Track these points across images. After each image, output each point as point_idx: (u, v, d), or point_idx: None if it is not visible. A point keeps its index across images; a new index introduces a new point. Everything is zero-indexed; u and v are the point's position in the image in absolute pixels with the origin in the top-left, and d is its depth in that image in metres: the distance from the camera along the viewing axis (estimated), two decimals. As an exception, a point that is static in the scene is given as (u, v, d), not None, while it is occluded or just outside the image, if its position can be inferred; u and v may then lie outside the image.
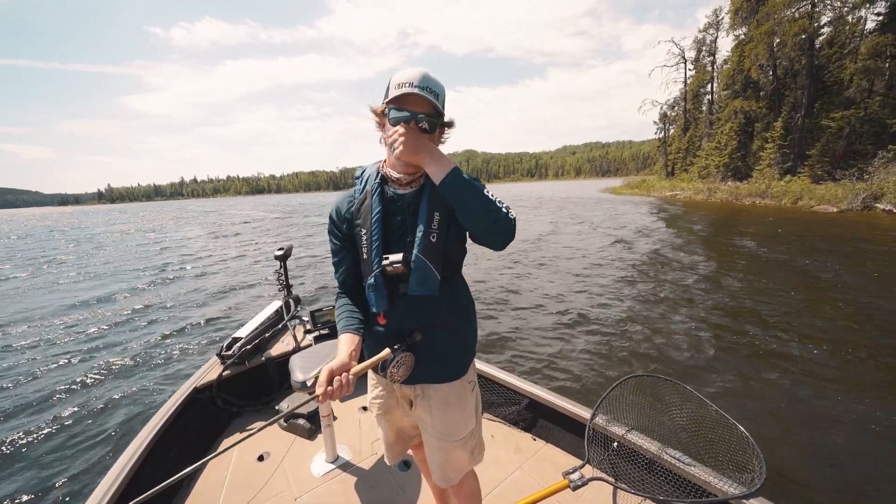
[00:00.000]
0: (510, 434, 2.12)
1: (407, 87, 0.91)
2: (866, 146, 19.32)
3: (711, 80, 33.81)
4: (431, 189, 1.00)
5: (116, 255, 14.07)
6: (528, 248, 10.53)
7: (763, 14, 23.70)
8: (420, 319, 1.04)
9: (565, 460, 1.90)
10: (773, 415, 2.94)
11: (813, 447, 2.58)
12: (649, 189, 35.12)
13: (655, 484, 1.44)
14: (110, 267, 11.67)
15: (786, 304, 5.24)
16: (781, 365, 3.64)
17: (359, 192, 1.07)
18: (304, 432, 2.17)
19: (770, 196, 20.54)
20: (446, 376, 1.10)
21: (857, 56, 21.22)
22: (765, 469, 1.15)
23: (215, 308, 6.72)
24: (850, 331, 4.31)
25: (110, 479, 1.50)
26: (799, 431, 2.74)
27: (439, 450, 1.15)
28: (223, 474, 1.91)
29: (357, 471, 1.92)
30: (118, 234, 23.10)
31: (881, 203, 15.00)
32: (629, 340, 4.36)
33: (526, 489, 1.73)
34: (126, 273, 10.54)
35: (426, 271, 0.99)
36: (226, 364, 2.31)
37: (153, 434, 1.78)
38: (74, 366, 4.58)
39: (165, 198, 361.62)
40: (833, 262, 7.19)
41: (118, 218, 47.71)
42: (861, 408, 2.94)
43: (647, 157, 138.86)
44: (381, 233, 1.01)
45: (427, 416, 1.13)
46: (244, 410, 2.38)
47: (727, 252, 8.83)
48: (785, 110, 23.82)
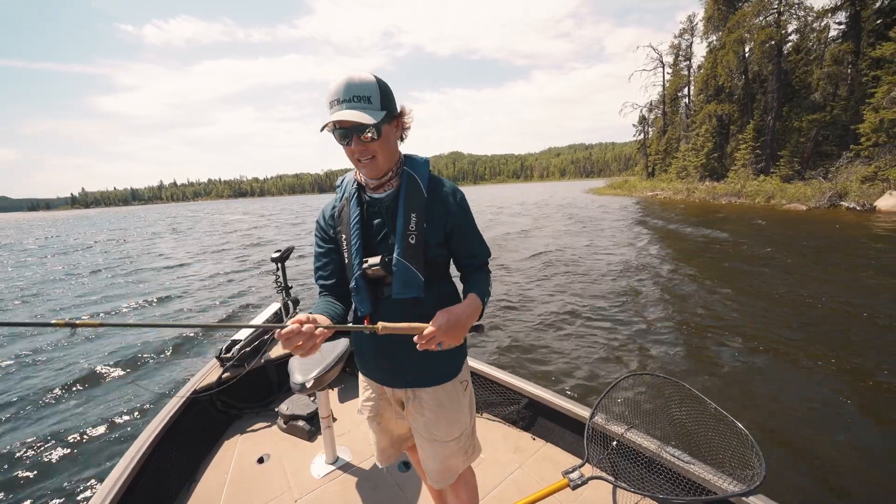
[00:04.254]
0: (509, 434, 2.11)
1: (336, 105, 0.89)
2: (832, 147, 20.40)
3: (688, 84, 35.03)
4: (406, 191, 1.02)
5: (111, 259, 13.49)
6: (528, 248, 10.58)
7: (734, 22, 24.75)
8: (407, 321, 1.02)
9: (565, 459, 1.90)
10: (772, 412, 2.94)
11: (813, 445, 2.58)
12: (631, 189, 36.03)
13: (655, 482, 1.45)
14: (109, 270, 11.40)
15: (787, 303, 5.21)
16: (781, 364, 3.64)
17: (339, 199, 1.10)
18: (304, 434, 2.18)
19: (745, 195, 21.37)
20: (438, 379, 1.10)
21: (822, 62, 22.41)
22: (764, 466, 1.16)
23: (215, 310, 6.72)
24: (851, 329, 4.29)
25: (111, 482, 1.50)
26: (799, 429, 2.74)
27: (433, 452, 1.14)
28: (223, 476, 1.91)
29: (357, 472, 1.93)
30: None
31: (845, 201, 15.84)
32: (629, 339, 4.38)
33: (526, 488, 1.73)
34: (125, 275, 10.37)
35: (408, 274, 1.00)
36: (225, 366, 2.32)
37: (153, 437, 1.78)
38: (74, 368, 4.57)
39: (143, 202, 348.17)
40: (836, 261, 7.18)
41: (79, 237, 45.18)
42: (861, 407, 2.93)
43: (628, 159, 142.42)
44: (361, 237, 1.04)
45: (419, 419, 1.12)
46: (244, 413, 2.39)
47: (719, 251, 8.93)
48: (757, 113, 24.88)
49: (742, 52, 25.14)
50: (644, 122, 40.82)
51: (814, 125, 20.98)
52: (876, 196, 14.98)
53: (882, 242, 8.72)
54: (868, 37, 19.99)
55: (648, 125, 40.71)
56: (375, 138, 0.93)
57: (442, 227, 1.04)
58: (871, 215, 13.83)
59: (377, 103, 0.91)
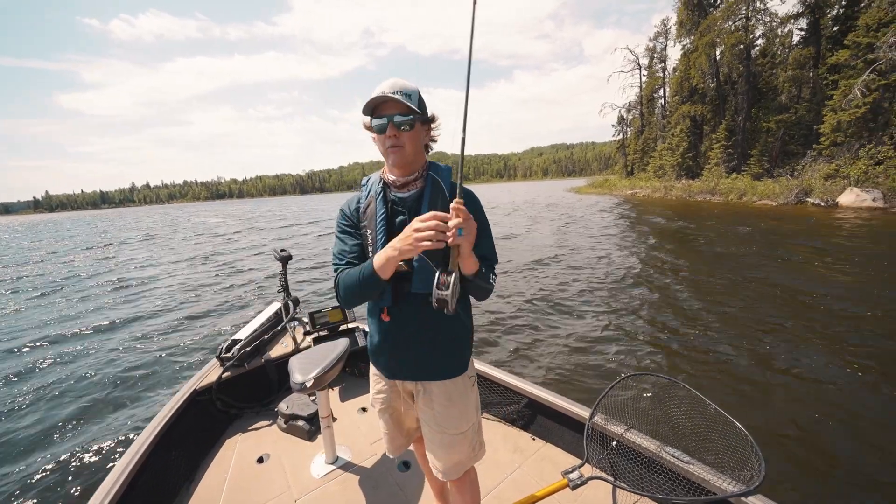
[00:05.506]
0: (509, 434, 2.12)
1: (379, 96, 1.01)
2: (797, 147, 21.56)
3: (663, 86, 36.23)
4: (431, 193, 1.10)
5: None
6: (525, 249, 10.60)
7: (705, 26, 25.78)
8: (422, 316, 1.10)
9: (564, 459, 1.91)
10: (772, 412, 2.93)
11: (813, 444, 2.57)
12: (611, 188, 36.97)
13: (654, 482, 1.46)
14: (108, 271, 11.35)
15: (788, 303, 5.17)
16: (781, 362, 3.65)
17: (364, 197, 1.17)
18: (304, 433, 2.18)
19: (719, 192, 22.30)
20: (448, 373, 1.16)
21: (786, 66, 23.63)
22: (764, 467, 1.17)
23: (215, 310, 6.71)
24: (852, 328, 4.27)
25: (111, 481, 1.51)
26: (799, 428, 2.73)
27: (441, 443, 1.18)
28: (223, 476, 1.92)
29: (357, 472, 1.93)
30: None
31: (811, 197, 16.74)
32: (629, 339, 4.37)
33: (525, 488, 1.73)
34: (124, 276, 10.25)
35: (428, 270, 1.04)
36: (225, 366, 2.32)
37: (153, 436, 1.78)
38: (74, 368, 4.60)
39: (114, 205, 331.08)
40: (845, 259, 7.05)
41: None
42: (862, 405, 2.93)
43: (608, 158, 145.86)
44: (386, 233, 1.09)
45: (429, 411, 1.17)
46: (244, 412, 2.39)
47: (720, 251, 8.86)
48: (728, 114, 26.00)
49: (713, 55, 26.21)
50: (622, 122, 41.95)
51: (780, 125, 22.11)
52: (838, 192, 15.90)
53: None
54: (827, 42, 21.24)
55: (627, 125, 41.86)
56: (408, 129, 1.04)
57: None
58: (834, 211, 14.67)
59: (415, 101, 1.04)
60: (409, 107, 1.02)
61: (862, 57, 16.99)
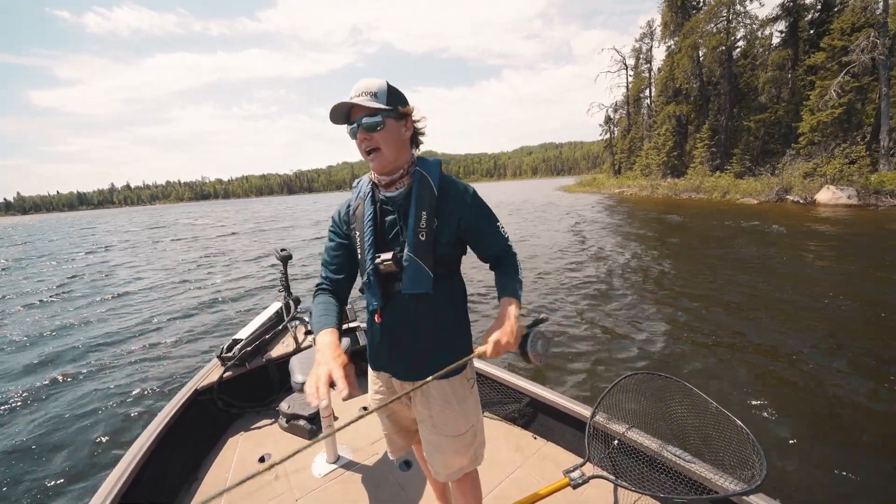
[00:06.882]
0: (510, 433, 2.11)
1: (344, 102, 0.99)
2: (777, 146, 22.25)
3: (649, 86, 36.91)
4: (418, 190, 1.06)
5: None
6: (527, 248, 10.48)
7: (688, 28, 26.36)
8: (415, 317, 1.08)
9: (566, 458, 1.91)
10: (772, 411, 2.91)
11: (813, 444, 2.56)
12: (600, 187, 37.50)
13: (656, 481, 1.46)
14: (108, 272, 11.21)
15: (788, 303, 5.12)
16: (780, 362, 3.64)
17: (354, 198, 1.16)
18: (305, 433, 2.18)
19: (703, 191, 22.84)
20: (445, 374, 1.12)
21: (766, 67, 24.35)
22: (765, 465, 1.17)
23: (215, 310, 6.70)
24: (852, 328, 4.26)
25: (112, 481, 1.51)
26: (799, 427, 2.72)
27: (438, 446, 1.17)
28: (224, 475, 1.93)
29: (358, 471, 1.93)
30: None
31: (791, 195, 17.30)
32: (630, 339, 4.34)
33: (526, 488, 1.72)
34: (123, 277, 10.17)
35: (418, 270, 1.03)
36: (226, 366, 2.33)
37: (154, 436, 1.78)
38: (74, 368, 4.59)
39: (92, 206, 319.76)
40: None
41: (30, 233, 41.01)
42: (861, 405, 2.92)
43: (596, 157, 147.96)
44: (374, 233, 1.08)
45: (426, 413, 1.16)
46: (245, 412, 2.40)
47: (720, 251, 8.71)
48: (711, 114, 26.65)
49: (696, 56, 26.84)
50: (610, 121, 42.59)
51: (761, 125, 22.79)
52: (816, 190, 16.47)
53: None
54: (804, 45, 21.97)
55: (614, 125, 42.52)
56: (382, 128, 0.99)
57: (455, 226, 1.06)
58: (812, 208, 15.19)
59: (383, 99, 0.99)
60: (375, 107, 0.97)
61: (837, 59, 17.64)
